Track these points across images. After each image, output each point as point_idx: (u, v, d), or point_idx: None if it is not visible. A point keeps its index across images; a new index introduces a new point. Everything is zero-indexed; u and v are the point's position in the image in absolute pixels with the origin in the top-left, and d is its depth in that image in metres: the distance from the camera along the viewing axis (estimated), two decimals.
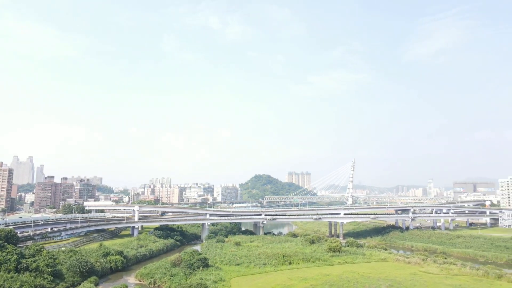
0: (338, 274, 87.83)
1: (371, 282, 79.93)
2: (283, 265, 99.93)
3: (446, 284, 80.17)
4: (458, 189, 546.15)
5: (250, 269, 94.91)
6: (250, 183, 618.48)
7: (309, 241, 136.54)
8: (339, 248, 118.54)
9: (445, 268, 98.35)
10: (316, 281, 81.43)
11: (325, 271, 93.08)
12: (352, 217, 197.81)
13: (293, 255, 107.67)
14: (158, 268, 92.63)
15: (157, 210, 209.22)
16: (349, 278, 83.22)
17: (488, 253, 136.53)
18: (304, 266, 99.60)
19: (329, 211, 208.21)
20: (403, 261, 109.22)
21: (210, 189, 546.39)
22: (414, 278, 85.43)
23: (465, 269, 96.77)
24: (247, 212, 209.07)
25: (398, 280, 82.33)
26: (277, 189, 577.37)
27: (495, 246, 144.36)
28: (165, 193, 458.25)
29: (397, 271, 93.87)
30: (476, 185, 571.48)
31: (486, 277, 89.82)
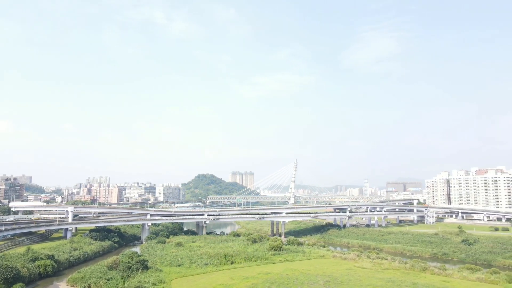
0: (279, 272, 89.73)
1: (310, 278, 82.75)
2: (225, 264, 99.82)
3: (377, 277, 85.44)
4: (390, 189, 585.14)
5: (192, 270, 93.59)
6: (193, 183, 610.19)
7: (251, 240, 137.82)
8: (280, 247, 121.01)
9: (377, 263, 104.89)
10: (257, 279, 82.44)
11: (266, 269, 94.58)
12: (294, 216, 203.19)
13: (235, 255, 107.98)
14: (93, 272, 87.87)
15: (93, 211, 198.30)
16: (289, 276, 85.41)
17: (415, 248, 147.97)
18: (246, 265, 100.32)
19: (272, 210, 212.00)
20: (340, 257, 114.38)
21: (151, 189, 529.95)
22: (350, 273, 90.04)
23: (395, 263, 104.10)
24: (189, 212, 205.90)
25: (335, 275, 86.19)
26: (221, 188, 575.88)
27: (421, 241, 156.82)
28: (103, 193, 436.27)
29: (334, 267, 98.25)
30: (406, 185, 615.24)
31: (413, 270, 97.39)
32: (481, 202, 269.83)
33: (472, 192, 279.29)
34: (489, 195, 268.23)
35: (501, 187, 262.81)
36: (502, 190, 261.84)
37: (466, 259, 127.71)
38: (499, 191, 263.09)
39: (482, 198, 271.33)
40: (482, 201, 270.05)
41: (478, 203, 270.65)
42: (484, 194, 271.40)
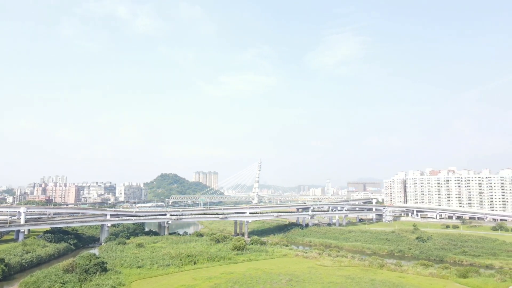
0: (242, 272, 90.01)
1: (272, 277, 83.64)
2: (187, 265, 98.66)
3: (338, 275, 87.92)
4: (351, 189, 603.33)
5: (153, 271, 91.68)
6: (156, 182, 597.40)
7: (214, 240, 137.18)
8: (243, 246, 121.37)
9: (338, 260, 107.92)
10: (220, 279, 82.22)
11: (229, 269, 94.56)
12: (257, 215, 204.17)
13: (198, 255, 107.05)
14: (48, 276, 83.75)
15: (48, 212, 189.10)
16: (252, 275, 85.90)
17: (373, 245, 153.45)
18: (209, 265, 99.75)
19: (235, 210, 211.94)
20: (302, 256, 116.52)
21: (112, 189, 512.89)
22: (311, 271, 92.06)
23: (354, 261, 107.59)
24: (151, 212, 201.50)
25: (297, 274, 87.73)
26: (184, 188, 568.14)
27: (378, 239, 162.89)
28: (59, 193, 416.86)
29: (296, 266, 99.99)
30: (365, 185, 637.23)
31: (371, 267, 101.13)
32: (435, 201, 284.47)
33: (426, 191, 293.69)
34: (441, 194, 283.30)
35: (452, 186, 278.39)
36: (453, 189, 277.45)
37: (420, 255, 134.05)
38: (451, 191, 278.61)
39: (435, 197, 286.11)
40: (435, 200, 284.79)
41: (432, 202, 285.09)
42: (437, 194, 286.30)
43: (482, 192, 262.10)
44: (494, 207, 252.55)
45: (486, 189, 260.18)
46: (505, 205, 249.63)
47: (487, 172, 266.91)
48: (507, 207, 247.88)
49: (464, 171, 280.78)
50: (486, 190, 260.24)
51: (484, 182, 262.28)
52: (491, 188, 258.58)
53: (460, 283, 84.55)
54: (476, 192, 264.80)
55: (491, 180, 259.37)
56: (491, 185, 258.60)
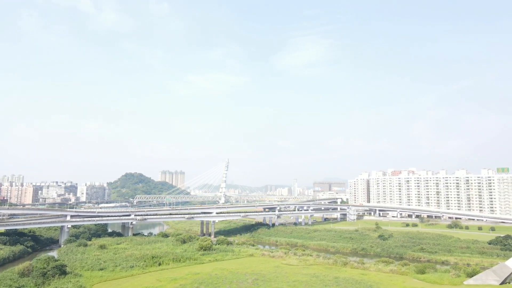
0: (208, 272, 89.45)
1: (238, 277, 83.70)
2: (152, 266, 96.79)
3: (303, 273, 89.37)
4: (317, 188, 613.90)
5: (116, 273, 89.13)
6: (120, 182, 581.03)
7: (180, 240, 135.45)
8: (210, 247, 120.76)
9: (303, 259, 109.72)
10: (185, 280, 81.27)
11: (195, 269, 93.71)
12: (224, 215, 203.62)
13: (163, 256, 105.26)
14: (2, 280, 79.19)
15: (3, 213, 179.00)
16: (218, 275, 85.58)
17: (338, 244, 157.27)
18: (175, 266, 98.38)
19: (202, 210, 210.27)
20: (268, 255, 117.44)
21: (73, 188, 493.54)
22: (277, 270, 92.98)
23: (319, 259, 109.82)
24: (115, 213, 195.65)
25: (263, 273, 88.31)
26: (150, 188, 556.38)
27: (342, 238, 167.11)
28: (15, 193, 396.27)
29: (263, 265, 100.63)
30: (331, 185, 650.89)
31: (335, 265, 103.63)
32: (396, 201, 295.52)
33: (388, 191, 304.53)
34: (402, 194, 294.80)
35: (412, 186, 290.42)
36: (413, 189, 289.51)
37: (381, 253, 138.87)
38: (411, 190, 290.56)
39: (397, 197, 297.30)
40: (397, 200, 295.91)
41: (393, 201, 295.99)
42: (398, 193, 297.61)
43: (439, 192, 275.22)
44: (450, 206, 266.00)
45: (443, 189, 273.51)
46: (459, 204, 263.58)
47: (444, 172, 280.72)
48: (461, 205, 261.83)
49: (423, 172, 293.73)
50: (443, 190, 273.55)
51: (441, 182, 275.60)
52: (447, 188, 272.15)
53: (418, 279, 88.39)
54: (434, 191, 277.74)
55: (448, 180, 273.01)
56: (447, 185, 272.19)
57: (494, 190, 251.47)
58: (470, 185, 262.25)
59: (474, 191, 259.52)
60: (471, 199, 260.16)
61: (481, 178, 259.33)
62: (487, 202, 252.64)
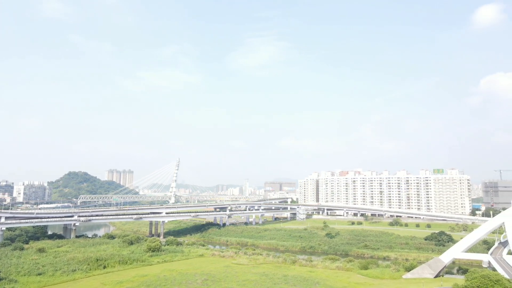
0: (156, 274, 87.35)
1: (188, 278, 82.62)
2: (96, 269, 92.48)
3: (253, 272, 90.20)
4: (268, 188, 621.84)
5: (56, 278, 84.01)
6: (63, 181, 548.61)
7: (127, 242, 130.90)
8: (158, 247, 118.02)
9: (254, 258, 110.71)
10: (132, 283, 78.73)
11: (143, 271, 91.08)
12: (174, 215, 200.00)
13: (109, 258, 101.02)
14: None
15: None
16: (167, 277, 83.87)
17: (287, 242, 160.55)
18: (121, 268, 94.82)
19: (151, 210, 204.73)
20: (218, 255, 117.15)
21: (8, 188, 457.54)
22: (227, 270, 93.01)
23: (269, 258, 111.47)
24: (56, 214, 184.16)
25: (213, 273, 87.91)
26: (95, 188, 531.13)
27: (292, 237, 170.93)
28: None
29: (213, 265, 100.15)
30: (282, 185, 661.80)
31: (284, 263, 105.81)
32: (343, 200, 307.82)
33: (336, 191, 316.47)
34: (349, 194, 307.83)
35: (358, 186, 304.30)
36: (358, 189, 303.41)
37: (328, 250, 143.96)
38: (357, 190, 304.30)
39: (344, 196, 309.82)
40: (344, 199, 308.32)
41: (341, 201, 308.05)
42: (345, 193, 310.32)
43: (382, 191, 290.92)
44: (392, 205, 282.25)
45: (386, 189, 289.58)
46: (400, 202, 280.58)
47: (386, 173, 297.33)
48: (402, 204, 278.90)
49: (368, 172, 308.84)
50: (385, 189, 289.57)
51: (384, 182, 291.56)
52: (389, 187, 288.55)
53: (362, 274, 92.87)
54: (378, 191, 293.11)
55: (390, 180, 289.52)
56: (390, 185, 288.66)
57: (430, 189, 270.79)
58: (410, 185, 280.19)
59: (413, 191, 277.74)
60: (410, 198, 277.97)
61: (419, 179, 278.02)
62: (424, 200, 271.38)
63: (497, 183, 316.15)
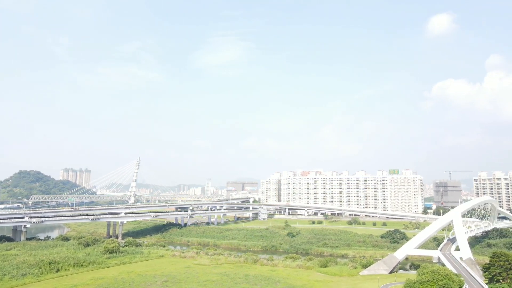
0: (114, 276, 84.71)
1: (147, 279, 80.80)
2: (48, 273, 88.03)
3: (214, 273, 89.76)
4: (231, 188, 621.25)
5: (4, 283, 79.06)
6: (12, 181, 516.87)
7: (83, 244, 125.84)
8: (116, 249, 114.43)
9: (215, 258, 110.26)
10: (87, 286, 75.91)
11: (99, 274, 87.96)
12: (133, 216, 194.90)
13: (63, 261, 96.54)
14: None
15: None
16: (125, 279, 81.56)
17: (249, 242, 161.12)
18: (76, 271, 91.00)
19: (109, 210, 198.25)
20: (179, 256, 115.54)
21: None
22: (188, 270, 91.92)
23: (231, 258, 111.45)
24: (4, 215, 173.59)
25: (173, 274, 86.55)
26: (49, 187, 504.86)
27: (254, 236, 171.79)
28: None
29: (173, 266, 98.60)
30: (244, 185, 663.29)
31: (246, 263, 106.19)
32: (304, 199, 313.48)
33: (298, 190, 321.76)
34: (310, 193, 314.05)
35: (319, 186, 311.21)
36: (319, 188, 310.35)
37: (289, 249, 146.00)
38: (317, 190, 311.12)
39: (305, 196, 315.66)
40: (305, 199, 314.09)
41: (302, 200, 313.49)
42: (306, 192, 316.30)
43: (342, 191, 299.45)
44: (351, 204, 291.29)
45: (345, 188, 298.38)
46: (358, 202, 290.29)
47: (346, 173, 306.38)
48: (360, 203, 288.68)
49: (329, 173, 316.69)
50: (345, 189, 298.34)
51: (344, 182, 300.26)
52: (349, 187, 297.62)
53: (321, 272, 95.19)
54: (337, 191, 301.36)
55: (349, 180, 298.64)
56: (349, 185, 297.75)
57: (386, 189, 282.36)
58: (368, 185, 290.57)
59: (371, 190, 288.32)
60: (368, 198, 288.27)
61: (376, 179, 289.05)
62: (381, 200, 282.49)
63: (446, 183, 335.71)
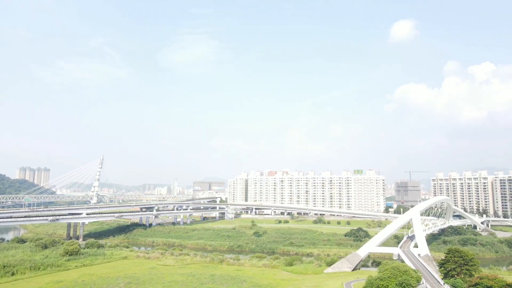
0: (74, 279, 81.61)
1: (109, 282, 78.47)
2: (3, 277, 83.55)
3: (179, 273, 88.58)
4: (197, 188, 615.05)
5: None
6: None
7: (40, 246, 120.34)
8: (77, 251, 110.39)
9: (180, 259, 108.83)
10: None
11: (58, 277, 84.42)
12: (96, 216, 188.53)
13: (18, 264, 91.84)
14: None
15: None
16: (86, 282, 78.79)
17: (215, 242, 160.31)
18: (32, 275, 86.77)
19: (70, 211, 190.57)
20: (143, 257, 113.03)
21: None
22: (152, 272, 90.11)
23: (196, 258, 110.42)
24: None
25: (137, 276, 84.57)
26: (4, 187, 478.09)
27: (220, 236, 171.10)
28: None
29: (137, 267, 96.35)
30: (211, 184, 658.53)
31: (212, 263, 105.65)
32: (271, 199, 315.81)
33: (265, 190, 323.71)
34: (276, 193, 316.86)
35: (285, 186, 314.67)
36: (286, 188, 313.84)
37: (256, 249, 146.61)
38: (284, 189, 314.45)
39: (272, 196, 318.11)
40: (272, 198, 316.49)
41: (269, 200, 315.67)
42: (273, 192, 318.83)
43: (308, 191, 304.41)
44: (316, 203, 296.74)
45: (311, 188, 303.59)
46: (324, 201, 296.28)
47: (312, 173, 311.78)
48: (325, 203, 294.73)
49: (295, 173, 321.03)
50: (311, 189, 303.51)
51: (310, 182, 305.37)
52: (315, 187, 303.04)
53: (287, 270, 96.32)
54: (304, 190, 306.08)
55: (315, 180, 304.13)
56: (315, 185, 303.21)
57: (351, 189, 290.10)
58: (333, 185, 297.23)
59: (336, 190, 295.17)
60: (333, 197, 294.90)
61: (341, 179, 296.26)
62: (345, 199, 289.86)
63: (406, 183, 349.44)
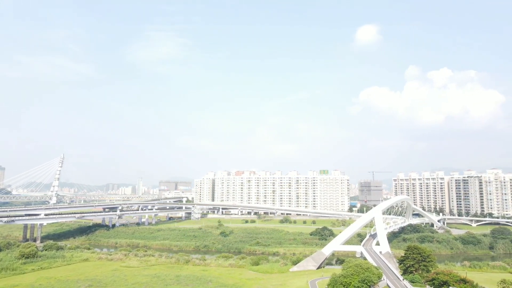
0: (30, 283, 77.88)
1: (69, 285, 75.69)
2: None
3: (144, 275, 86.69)
4: (163, 187, 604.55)
5: None
6: None
7: None
8: (34, 253, 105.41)
9: (145, 260, 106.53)
10: None
11: (12, 281, 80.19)
12: (55, 217, 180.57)
13: None
14: None
15: None
16: (43, 285, 75.51)
17: (181, 242, 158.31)
18: None
19: (27, 211, 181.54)
20: (105, 258, 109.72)
21: None
22: (115, 274, 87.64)
23: (162, 259, 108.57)
24: None
25: (99, 278, 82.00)
26: None
27: (186, 236, 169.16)
28: None
29: (99, 270, 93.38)
30: (177, 184, 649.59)
31: (177, 263, 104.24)
32: (238, 199, 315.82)
33: (232, 190, 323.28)
34: (244, 193, 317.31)
35: (253, 185, 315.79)
36: (253, 188, 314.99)
37: (222, 249, 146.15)
38: (251, 189, 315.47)
39: (239, 195, 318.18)
40: (239, 198, 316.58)
41: (236, 200, 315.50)
42: (240, 192, 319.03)
43: (275, 191, 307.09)
44: (283, 203, 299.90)
45: (278, 188, 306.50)
46: (290, 201, 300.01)
47: (279, 173, 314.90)
48: (292, 202, 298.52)
49: (263, 172, 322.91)
50: (278, 189, 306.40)
51: (277, 182, 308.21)
52: (281, 187, 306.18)
53: (253, 270, 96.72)
54: (271, 190, 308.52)
55: (282, 180, 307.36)
56: (282, 185, 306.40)
57: (317, 188, 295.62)
58: (299, 185, 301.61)
59: (302, 190, 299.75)
60: (299, 197, 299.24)
61: (307, 179, 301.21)
62: (311, 199, 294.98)
63: (369, 183, 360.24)
